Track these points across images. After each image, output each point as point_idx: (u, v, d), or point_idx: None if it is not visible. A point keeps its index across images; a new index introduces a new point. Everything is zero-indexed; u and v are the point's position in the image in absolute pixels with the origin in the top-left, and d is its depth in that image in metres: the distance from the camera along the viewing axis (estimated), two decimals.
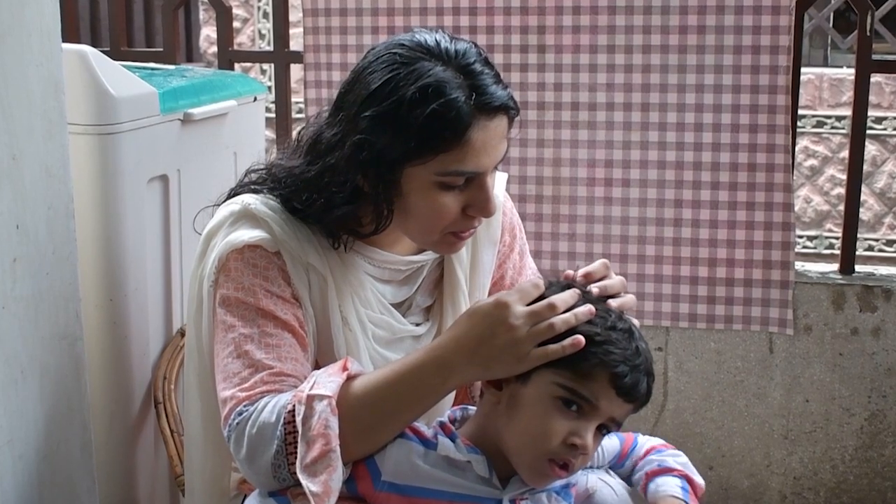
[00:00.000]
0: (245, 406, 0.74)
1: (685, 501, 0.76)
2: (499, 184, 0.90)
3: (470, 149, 0.74)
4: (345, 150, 0.76)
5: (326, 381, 0.72)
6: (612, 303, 0.75)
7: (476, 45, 0.77)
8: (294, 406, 0.71)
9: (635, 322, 0.76)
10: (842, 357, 1.47)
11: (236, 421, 0.74)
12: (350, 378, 0.73)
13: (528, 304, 0.72)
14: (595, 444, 0.73)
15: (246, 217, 0.79)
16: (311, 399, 0.71)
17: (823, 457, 1.50)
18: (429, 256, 0.85)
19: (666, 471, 0.79)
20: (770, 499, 1.52)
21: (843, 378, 1.47)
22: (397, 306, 0.84)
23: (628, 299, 0.77)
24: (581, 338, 0.69)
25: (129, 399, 1.02)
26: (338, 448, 0.70)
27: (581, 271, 0.78)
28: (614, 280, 0.77)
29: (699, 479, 0.80)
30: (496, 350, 0.71)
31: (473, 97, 0.73)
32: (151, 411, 1.04)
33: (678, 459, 0.81)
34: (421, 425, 0.77)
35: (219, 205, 0.83)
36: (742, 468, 1.52)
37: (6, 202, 0.81)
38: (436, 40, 0.76)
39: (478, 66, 0.75)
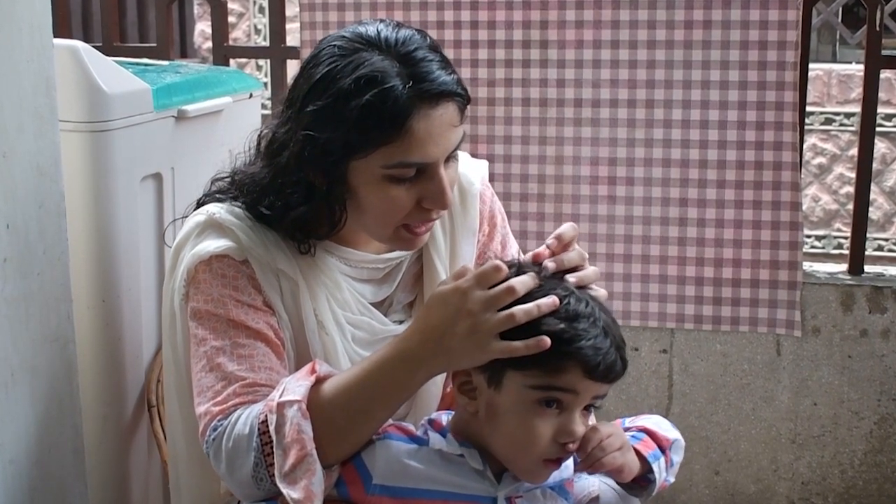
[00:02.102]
0: (219, 420, 0.73)
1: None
2: (477, 171, 0.88)
3: (413, 139, 0.72)
4: (292, 148, 0.75)
5: (295, 387, 0.71)
6: (571, 278, 0.73)
7: (422, 32, 0.76)
8: (266, 416, 0.70)
9: (601, 293, 0.74)
10: (851, 359, 1.44)
11: (212, 437, 0.73)
12: (319, 380, 0.72)
13: (490, 287, 0.70)
14: (584, 424, 0.71)
15: (212, 227, 0.78)
16: (281, 406, 0.70)
17: (832, 461, 1.47)
18: (405, 253, 0.84)
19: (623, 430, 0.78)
20: None
21: (851, 381, 1.45)
22: (378, 305, 0.83)
23: (590, 272, 0.74)
24: (547, 340, 0.67)
25: (121, 402, 1.01)
26: (314, 451, 0.69)
27: (551, 236, 0.75)
28: (572, 253, 0.74)
29: (668, 433, 0.77)
30: (457, 339, 0.69)
31: (412, 84, 0.71)
32: (145, 415, 1.03)
33: (647, 420, 0.79)
34: (409, 425, 0.76)
35: (187, 216, 0.82)
36: (749, 473, 1.50)
37: None
38: (377, 30, 0.74)
39: (420, 53, 0.73)
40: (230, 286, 0.76)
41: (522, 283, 0.70)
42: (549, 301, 0.69)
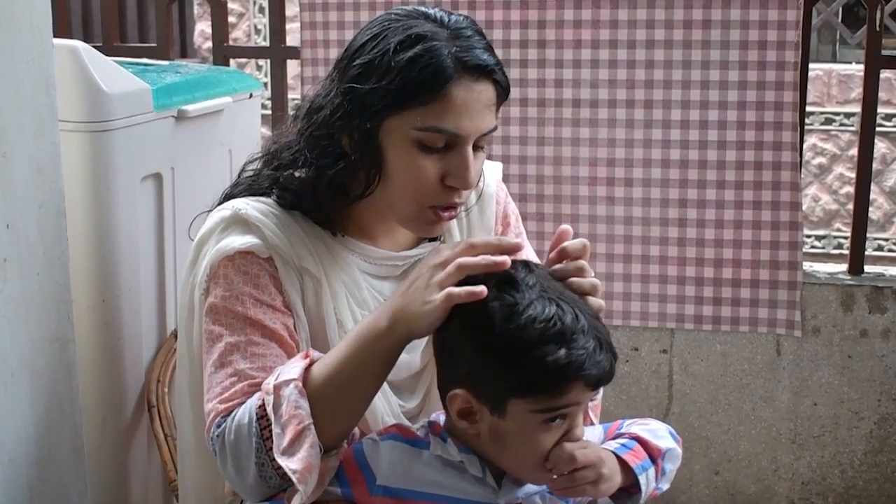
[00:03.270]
0: (223, 418, 0.74)
1: (614, 453, 0.74)
2: (492, 173, 0.89)
3: (450, 105, 0.73)
4: (333, 100, 0.76)
5: (290, 369, 0.72)
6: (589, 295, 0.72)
7: (473, 20, 0.78)
8: (263, 399, 0.71)
9: (599, 304, 0.72)
10: (851, 359, 1.44)
11: (216, 433, 0.74)
12: (312, 363, 0.73)
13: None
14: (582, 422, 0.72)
15: (237, 223, 0.78)
16: (277, 388, 0.71)
17: (832, 461, 1.47)
18: (424, 250, 0.84)
19: (616, 436, 0.78)
20: None
21: (851, 381, 1.45)
22: None
23: (596, 303, 0.73)
24: (483, 289, 0.67)
25: (121, 402, 1.01)
26: (312, 425, 0.69)
27: (557, 250, 0.74)
28: (585, 282, 0.73)
29: (660, 443, 0.76)
30: (411, 300, 0.70)
31: (458, 52, 0.73)
32: (144, 415, 1.03)
33: (643, 427, 0.78)
34: (412, 426, 0.76)
35: (210, 211, 0.82)
36: (749, 473, 1.50)
37: None
38: (432, 10, 0.78)
39: (469, 32, 0.75)
40: (251, 283, 0.76)
41: (484, 241, 0.70)
42: (500, 259, 0.68)
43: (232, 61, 1.60)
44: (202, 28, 3.63)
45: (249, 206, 0.79)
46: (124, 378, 1.01)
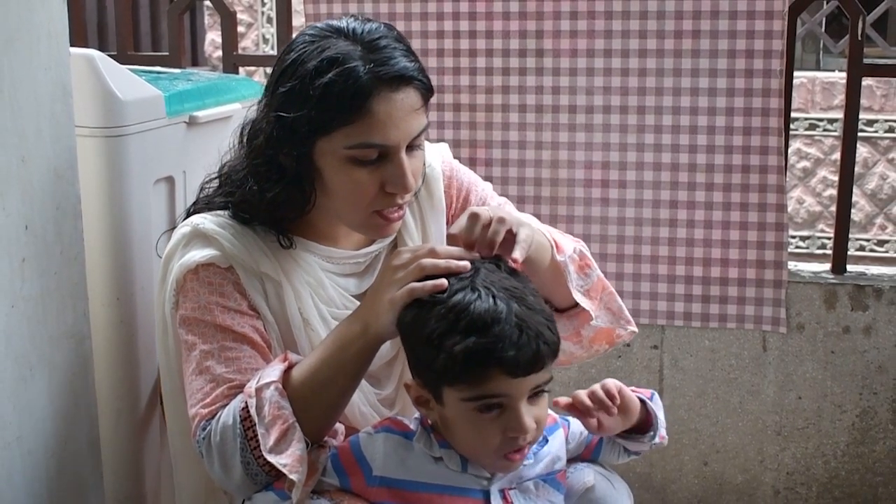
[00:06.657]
0: (207, 421, 0.77)
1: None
2: (436, 155, 0.90)
3: (374, 120, 0.75)
4: (264, 129, 0.79)
5: (270, 372, 0.76)
6: (516, 253, 0.74)
7: (389, 26, 0.79)
8: (246, 402, 0.74)
9: (532, 223, 0.74)
10: (834, 355, 1.49)
11: (202, 436, 0.77)
12: (291, 366, 0.77)
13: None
14: (538, 408, 0.72)
15: (197, 237, 0.82)
16: (259, 391, 0.74)
17: (816, 452, 1.52)
18: (383, 244, 0.87)
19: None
20: (763, 494, 1.54)
21: (834, 375, 1.49)
22: (361, 297, 0.86)
23: (522, 235, 0.75)
24: (444, 282, 0.69)
25: (135, 396, 1.03)
26: (296, 424, 0.72)
27: (453, 226, 0.77)
28: (485, 218, 0.74)
29: (643, 391, 0.80)
30: (379, 295, 0.73)
31: (373, 67, 0.74)
32: (158, 408, 1.05)
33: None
34: (404, 419, 0.79)
35: (174, 228, 0.86)
36: (736, 463, 1.54)
37: (15, 203, 0.82)
38: (346, 22, 0.78)
39: (384, 42, 0.76)
40: (216, 293, 0.79)
41: (446, 249, 0.73)
42: (463, 264, 0.71)
43: (241, 69, 1.62)
44: (212, 37, 3.65)
45: (207, 220, 0.82)
46: (138, 373, 1.03)
